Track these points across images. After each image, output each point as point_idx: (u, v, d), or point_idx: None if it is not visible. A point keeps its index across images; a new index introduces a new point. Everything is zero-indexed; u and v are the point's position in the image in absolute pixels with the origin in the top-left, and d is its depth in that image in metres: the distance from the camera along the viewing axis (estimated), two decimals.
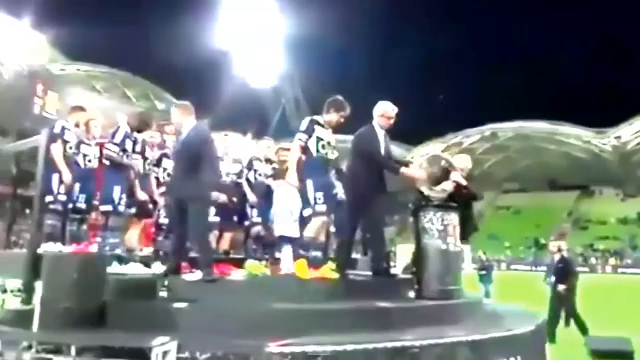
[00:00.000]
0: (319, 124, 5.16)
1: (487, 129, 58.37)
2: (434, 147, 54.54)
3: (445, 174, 5.28)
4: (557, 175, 60.64)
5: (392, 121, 5.45)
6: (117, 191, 5.60)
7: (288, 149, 7.46)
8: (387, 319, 4.36)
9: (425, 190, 5.16)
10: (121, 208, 5.64)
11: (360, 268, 6.64)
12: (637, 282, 30.35)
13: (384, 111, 5.40)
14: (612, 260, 47.55)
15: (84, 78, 50.34)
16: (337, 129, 5.35)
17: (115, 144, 5.70)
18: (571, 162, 58.67)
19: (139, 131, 5.82)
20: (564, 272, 9.05)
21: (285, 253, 5.59)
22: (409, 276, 5.46)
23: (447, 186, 5.18)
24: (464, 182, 5.37)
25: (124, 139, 5.73)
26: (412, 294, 5.09)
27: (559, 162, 59.59)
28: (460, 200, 5.35)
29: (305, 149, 5.08)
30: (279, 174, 6.04)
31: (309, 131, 5.07)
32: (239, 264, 6.29)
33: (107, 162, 5.77)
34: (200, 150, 4.71)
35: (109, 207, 5.61)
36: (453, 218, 5.09)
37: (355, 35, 65.49)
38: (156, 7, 65.31)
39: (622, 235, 51.63)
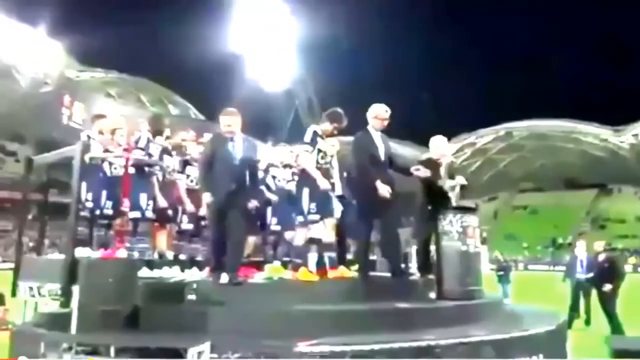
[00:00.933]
0: (318, 135, 5.44)
1: (502, 128, 58.03)
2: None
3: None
4: (574, 174, 59.99)
5: (386, 122, 5.54)
6: (144, 198, 5.76)
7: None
8: (409, 319, 4.48)
9: (445, 186, 5.36)
10: (149, 214, 5.80)
11: (379, 269, 6.77)
12: None
13: (377, 113, 5.51)
14: (632, 259, 46.88)
15: (99, 84, 51.09)
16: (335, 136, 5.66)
17: (141, 149, 5.86)
18: (588, 161, 58.02)
19: (156, 134, 6.01)
20: (611, 272, 9.03)
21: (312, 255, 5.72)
22: (428, 277, 5.57)
23: (460, 180, 5.41)
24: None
25: (148, 144, 5.91)
26: (433, 294, 5.19)
27: (575, 160, 58.98)
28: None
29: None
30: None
31: (313, 143, 5.35)
32: (259, 267, 6.47)
33: (132, 170, 5.93)
34: (253, 161, 5.32)
35: (137, 214, 5.75)
36: (472, 220, 5.20)
37: (366, 37, 65.55)
38: (168, 11, 65.97)
39: None
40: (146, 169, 5.88)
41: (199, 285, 4.99)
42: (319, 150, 5.37)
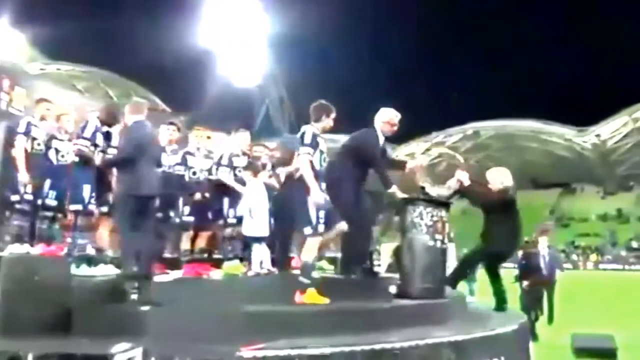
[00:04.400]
0: (317, 135, 4.82)
1: (470, 127, 58.81)
2: (417, 146, 54.73)
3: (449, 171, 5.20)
4: (540, 174, 61.27)
5: (395, 128, 5.35)
6: (87, 190, 5.33)
7: (263, 146, 7.27)
8: (368, 320, 4.19)
9: (428, 187, 5.03)
10: (92, 207, 5.37)
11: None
12: (618, 277, 30.74)
13: (390, 118, 5.31)
14: (593, 257, 48.15)
15: (65, 78, 49.58)
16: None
17: (85, 138, 5.42)
18: (553, 160, 59.37)
19: (109, 125, 5.54)
20: (526, 268, 8.99)
21: (256, 253, 5.39)
22: (393, 275, 5.33)
23: (452, 183, 5.06)
24: (467, 182, 5.24)
25: (95, 133, 5.46)
26: (393, 288, 4.94)
27: (540, 160, 60.26)
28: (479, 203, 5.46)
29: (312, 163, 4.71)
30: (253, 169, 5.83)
31: (314, 145, 4.73)
32: (217, 264, 6.12)
33: (76, 159, 5.51)
34: None
35: (78, 207, 5.34)
36: (443, 215, 4.94)
37: (338, 35, 65.45)
38: (139, 7, 64.57)
39: (602, 232, 52.33)
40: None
41: (142, 285, 4.62)
42: (321, 152, 4.76)
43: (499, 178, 5.70)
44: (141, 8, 63.26)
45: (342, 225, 4.76)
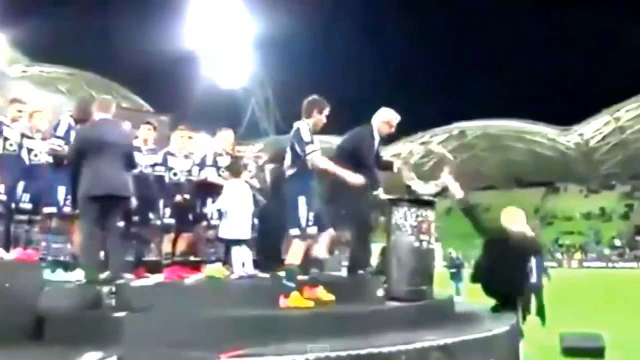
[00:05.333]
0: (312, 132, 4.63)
1: (455, 127, 59.09)
2: (402, 146, 54.79)
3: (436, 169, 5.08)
4: (524, 173, 61.80)
5: (393, 129, 5.25)
6: (61, 191, 5.12)
7: (251, 145, 7.12)
8: (354, 323, 4.08)
9: (414, 185, 4.90)
10: (67, 209, 5.16)
11: (329, 268, 6.35)
12: (602, 275, 31.05)
13: (390, 118, 5.21)
14: (577, 255, 48.63)
15: (48, 80, 48.93)
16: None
17: (58, 137, 5.20)
18: (537, 160, 59.92)
19: (83, 122, 5.30)
20: None
21: (236, 255, 5.23)
22: (380, 276, 5.20)
23: (439, 181, 4.94)
24: (452, 184, 5.11)
25: (68, 132, 5.22)
26: (380, 292, 4.82)
27: (525, 159, 60.80)
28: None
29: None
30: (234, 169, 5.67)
31: (313, 139, 4.52)
32: (199, 267, 5.95)
33: (50, 160, 5.29)
34: None
35: (53, 209, 5.13)
36: (428, 214, 4.82)
37: (324, 35, 65.40)
38: (124, 8, 63.86)
39: (586, 230, 52.90)
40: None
41: (120, 289, 4.45)
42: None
43: (515, 220, 5.31)
44: (126, 10, 62.57)
45: (332, 231, 4.62)
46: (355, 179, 4.48)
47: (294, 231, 4.44)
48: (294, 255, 4.44)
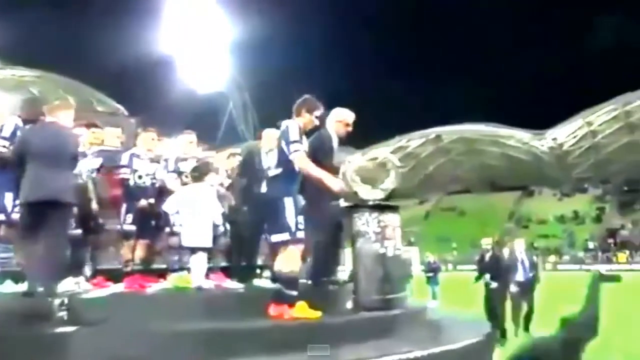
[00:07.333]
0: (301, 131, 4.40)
1: (432, 131, 59.56)
2: (379, 151, 54.94)
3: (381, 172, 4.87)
4: (499, 177, 62.45)
5: (349, 129, 5.06)
6: (9, 198, 4.80)
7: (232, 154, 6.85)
8: (319, 336, 3.85)
9: (359, 190, 4.70)
10: (15, 216, 4.85)
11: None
12: (576, 278, 31.40)
13: (343, 118, 5.03)
14: (551, 258, 49.25)
15: (20, 83, 47.70)
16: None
17: (4, 138, 4.86)
18: (512, 164, 60.69)
19: (33, 123, 4.99)
20: (498, 269, 8.89)
21: (197, 263, 4.99)
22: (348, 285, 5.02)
23: (387, 185, 4.75)
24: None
25: (14, 132, 4.90)
26: (349, 304, 4.63)
27: (500, 163, 61.55)
28: None
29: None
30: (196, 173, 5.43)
31: (301, 139, 4.31)
32: (163, 276, 5.70)
33: None
34: None
35: (0, 217, 4.82)
36: (392, 219, 4.64)
37: (301, 39, 65.38)
38: (99, 12, 62.89)
39: (560, 233, 53.66)
40: None
41: (73, 301, 4.19)
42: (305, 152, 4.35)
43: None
44: (102, 13, 61.63)
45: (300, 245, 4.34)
46: (335, 184, 4.29)
47: (283, 236, 4.17)
48: (290, 262, 4.17)
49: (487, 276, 9.04)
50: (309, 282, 4.76)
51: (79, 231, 5.48)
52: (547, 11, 75.39)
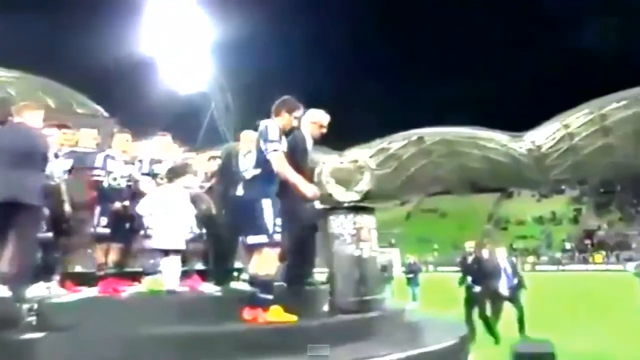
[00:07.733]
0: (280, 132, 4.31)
1: (414, 133, 60.03)
2: (360, 152, 55.12)
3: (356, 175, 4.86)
4: (479, 179, 63.23)
5: (324, 130, 4.97)
6: None
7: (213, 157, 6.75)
8: (295, 338, 3.83)
9: (334, 192, 4.68)
10: None
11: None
12: (554, 278, 31.90)
13: (318, 119, 4.93)
14: (530, 259, 49.91)
15: None
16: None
17: None
18: (491, 166, 61.51)
19: (1, 123, 4.88)
20: (480, 272, 8.95)
21: (169, 265, 4.90)
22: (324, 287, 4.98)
23: (361, 187, 4.73)
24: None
25: None
26: (326, 307, 4.60)
27: (480, 165, 62.33)
28: None
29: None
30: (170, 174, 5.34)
31: (280, 139, 4.23)
32: (137, 279, 5.59)
33: None
34: None
35: None
36: (367, 220, 4.63)
37: (283, 39, 65.27)
38: (80, 13, 61.98)
39: (538, 234, 54.44)
40: None
41: (42, 306, 4.07)
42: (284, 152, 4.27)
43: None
44: (82, 14, 60.76)
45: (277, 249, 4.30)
46: (309, 190, 4.19)
47: (260, 238, 4.09)
48: (266, 264, 4.08)
49: (469, 279, 9.08)
50: (284, 284, 4.71)
51: (50, 234, 5.36)
52: (526, 12, 76.54)
